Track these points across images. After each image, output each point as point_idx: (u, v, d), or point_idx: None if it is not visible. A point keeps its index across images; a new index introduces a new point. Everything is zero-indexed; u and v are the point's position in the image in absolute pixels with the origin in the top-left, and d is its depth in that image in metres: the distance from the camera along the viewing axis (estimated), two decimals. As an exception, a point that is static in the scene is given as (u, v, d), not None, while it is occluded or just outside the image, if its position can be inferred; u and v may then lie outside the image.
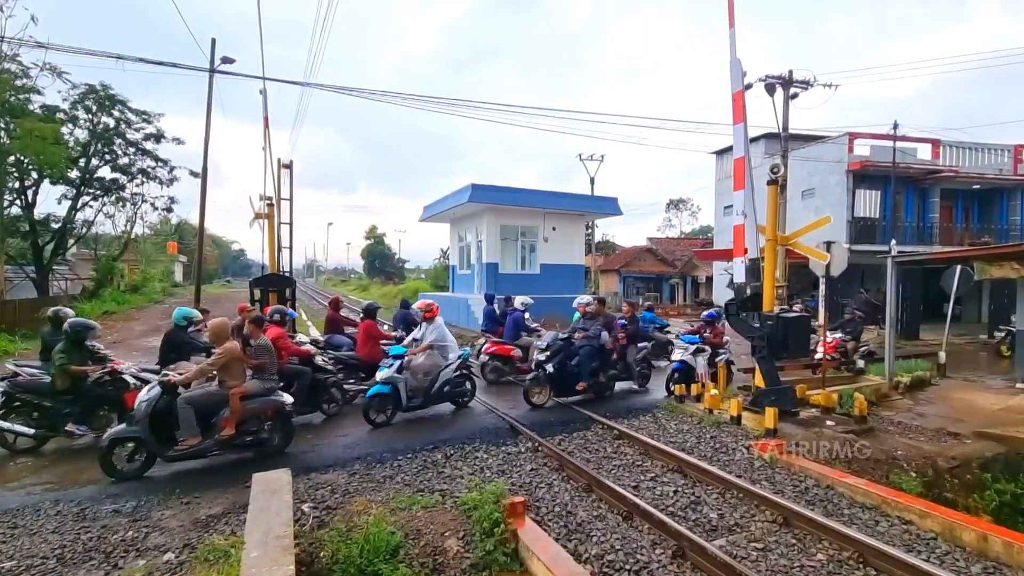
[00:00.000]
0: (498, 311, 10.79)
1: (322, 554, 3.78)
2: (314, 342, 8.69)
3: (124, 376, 6.50)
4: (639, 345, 9.48)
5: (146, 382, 6.68)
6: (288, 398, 5.94)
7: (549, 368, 7.81)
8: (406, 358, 7.10)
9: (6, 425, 5.92)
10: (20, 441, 6.05)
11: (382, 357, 7.92)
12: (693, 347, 9.16)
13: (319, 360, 7.46)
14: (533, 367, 8.19)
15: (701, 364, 9.02)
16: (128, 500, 4.77)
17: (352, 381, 8.19)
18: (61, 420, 6.08)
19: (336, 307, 10.07)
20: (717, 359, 9.39)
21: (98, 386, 6.29)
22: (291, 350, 7.09)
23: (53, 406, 6.05)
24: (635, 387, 9.22)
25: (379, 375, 6.91)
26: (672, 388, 8.78)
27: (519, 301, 10.39)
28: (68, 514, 4.51)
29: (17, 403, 6.05)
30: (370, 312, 8.74)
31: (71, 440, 6.24)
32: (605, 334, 8.24)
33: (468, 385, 7.86)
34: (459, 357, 7.57)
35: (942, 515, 4.41)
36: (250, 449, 5.72)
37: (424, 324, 7.73)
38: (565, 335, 8.27)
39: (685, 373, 8.96)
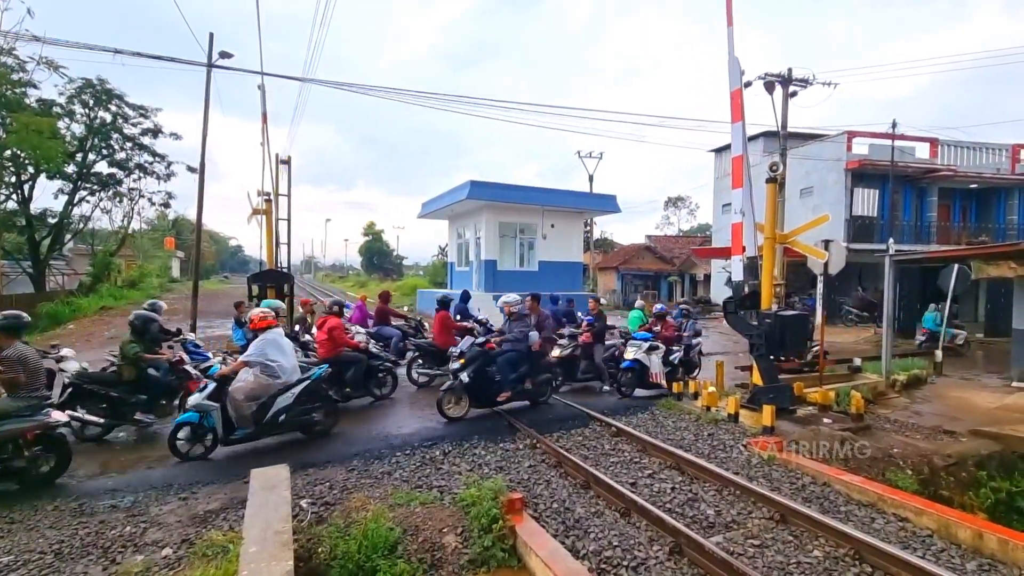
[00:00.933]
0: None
1: (320, 550, 3.78)
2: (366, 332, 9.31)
3: (187, 367, 6.87)
4: (607, 344, 9.04)
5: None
6: (60, 417, 5.10)
7: (463, 377, 7.00)
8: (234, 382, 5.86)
9: (77, 414, 6.05)
10: (84, 430, 6.26)
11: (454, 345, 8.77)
12: (646, 345, 8.63)
13: (373, 348, 8.14)
14: (451, 376, 7.39)
15: (655, 363, 8.54)
16: (126, 496, 4.77)
17: (427, 366, 9.05)
18: (128, 410, 6.35)
19: (386, 300, 10.54)
20: (672, 357, 9.00)
21: (163, 375, 6.58)
22: (345, 342, 7.60)
23: (120, 396, 6.28)
24: (606, 387, 8.85)
25: (190, 400, 5.74)
26: (624, 389, 8.51)
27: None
28: (66, 509, 4.51)
29: (78, 394, 6.23)
30: (444, 304, 9.29)
31: (139, 428, 6.57)
32: (534, 335, 7.46)
33: (321, 414, 6.39)
34: (309, 378, 6.17)
35: (938, 512, 4.44)
36: (7, 480, 4.90)
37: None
38: (483, 340, 7.48)
39: (638, 372, 8.50)
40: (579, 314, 11.25)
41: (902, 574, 3.63)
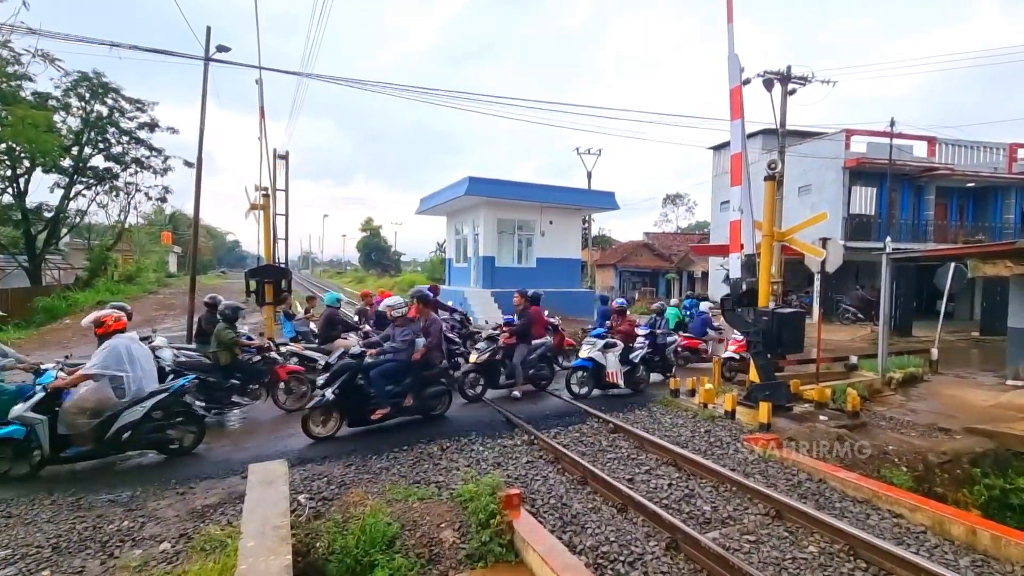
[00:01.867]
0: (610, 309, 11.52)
1: (319, 544, 3.79)
2: None
3: (272, 353, 7.36)
4: (533, 343, 8.27)
5: (289, 357, 7.80)
6: None
7: (327, 394, 6.10)
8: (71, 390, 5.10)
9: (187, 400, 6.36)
10: None
11: (545, 336, 8.99)
12: (601, 342, 8.06)
13: (449, 335, 8.61)
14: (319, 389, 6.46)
15: (612, 361, 7.99)
16: (123, 490, 4.77)
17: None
18: (223, 394, 6.76)
19: (435, 292, 10.94)
20: (632, 355, 8.42)
21: (254, 361, 7.14)
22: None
23: (217, 381, 6.71)
24: (516, 393, 7.99)
25: (12, 411, 4.98)
26: (576, 389, 8.02)
27: (705, 305, 11.74)
28: (63, 503, 4.51)
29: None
30: (535, 299, 9.63)
31: (239, 410, 7.09)
32: (420, 342, 6.66)
33: (180, 430, 5.64)
34: (166, 391, 5.45)
35: (932, 509, 4.47)
36: None
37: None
38: (359, 350, 6.58)
39: (593, 372, 8.03)
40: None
41: (896, 570, 3.67)
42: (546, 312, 10.09)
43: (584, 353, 8.09)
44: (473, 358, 8.02)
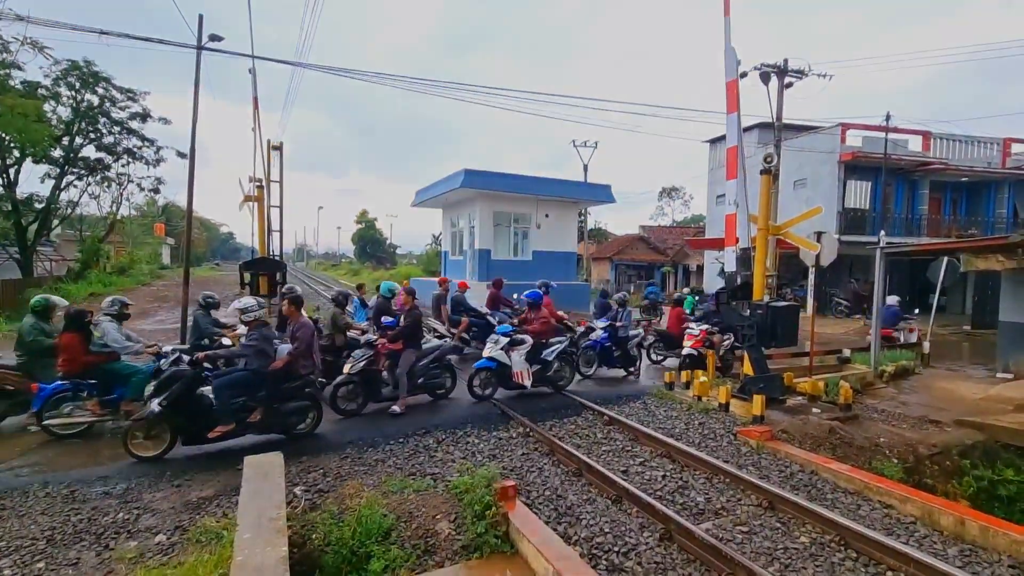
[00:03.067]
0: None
1: (314, 536, 3.80)
2: None
3: (368, 335, 7.84)
4: (425, 348, 7.35)
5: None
6: None
7: (154, 406, 5.18)
8: None
9: None
10: None
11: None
12: (505, 340, 7.47)
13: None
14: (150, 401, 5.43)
15: (517, 361, 7.38)
16: (118, 482, 4.76)
17: (663, 350, 10.85)
18: (338, 373, 7.16)
19: (499, 286, 11.17)
20: (544, 353, 7.76)
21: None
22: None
23: (332, 360, 7.26)
24: (395, 408, 6.86)
25: None
26: (477, 391, 7.39)
27: (893, 299, 12.42)
28: (57, 496, 4.49)
29: None
30: (679, 301, 11.02)
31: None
32: (283, 348, 5.84)
33: None
34: None
35: (922, 500, 4.53)
36: None
37: None
38: (193, 357, 5.62)
39: (498, 372, 7.38)
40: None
41: (886, 559, 3.72)
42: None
43: (486, 352, 7.48)
44: (347, 368, 6.90)
